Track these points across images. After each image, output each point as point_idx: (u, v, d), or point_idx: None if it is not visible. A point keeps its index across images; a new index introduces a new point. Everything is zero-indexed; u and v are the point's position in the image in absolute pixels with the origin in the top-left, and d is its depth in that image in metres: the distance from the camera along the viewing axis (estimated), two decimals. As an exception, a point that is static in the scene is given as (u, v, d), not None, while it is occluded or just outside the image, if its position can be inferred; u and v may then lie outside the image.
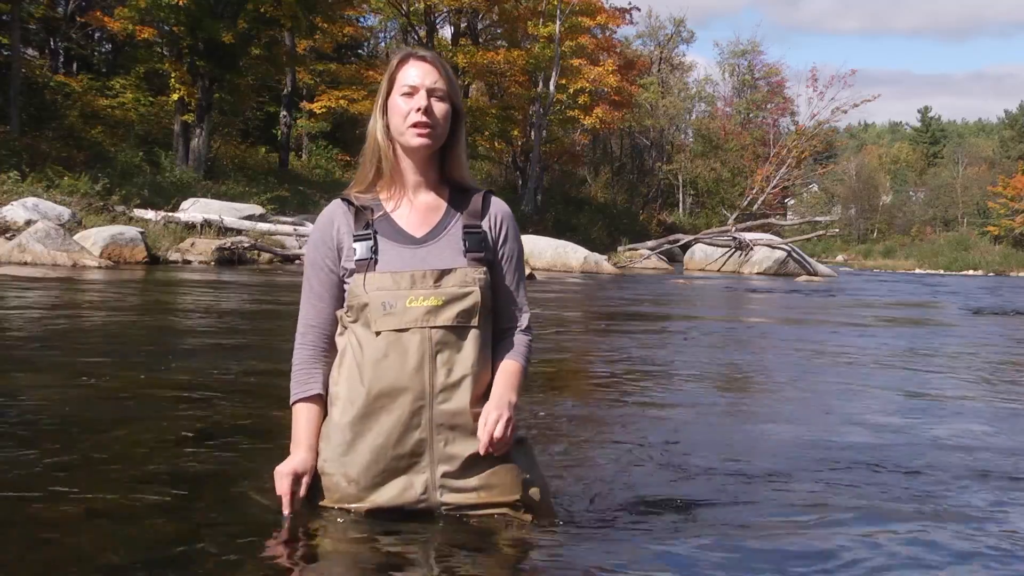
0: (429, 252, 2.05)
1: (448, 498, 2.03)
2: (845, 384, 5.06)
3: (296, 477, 2.03)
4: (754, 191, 43.58)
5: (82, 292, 8.77)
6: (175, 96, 22.00)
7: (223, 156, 25.85)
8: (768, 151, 45.41)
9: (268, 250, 15.84)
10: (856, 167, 62.79)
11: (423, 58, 2.08)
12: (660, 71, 48.24)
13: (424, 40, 30.55)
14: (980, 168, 59.81)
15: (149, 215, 15.73)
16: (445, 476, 2.02)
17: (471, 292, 2.03)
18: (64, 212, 13.89)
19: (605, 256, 22.54)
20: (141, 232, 13.70)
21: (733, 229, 26.50)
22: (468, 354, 2.02)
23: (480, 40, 33.60)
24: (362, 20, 34.03)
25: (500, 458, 2.04)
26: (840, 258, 47.38)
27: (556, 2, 30.35)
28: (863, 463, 3.10)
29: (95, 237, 12.90)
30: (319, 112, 29.80)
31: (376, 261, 2.03)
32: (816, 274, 23.83)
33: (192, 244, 14.98)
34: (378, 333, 2.00)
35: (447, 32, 34.00)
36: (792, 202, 53.33)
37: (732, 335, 8.09)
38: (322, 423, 2.09)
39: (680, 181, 47.57)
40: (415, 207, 2.10)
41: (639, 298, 12.51)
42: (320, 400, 2.10)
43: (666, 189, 48.41)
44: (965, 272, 36.62)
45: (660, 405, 4.19)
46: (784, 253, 24.52)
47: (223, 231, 16.02)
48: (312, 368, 2.12)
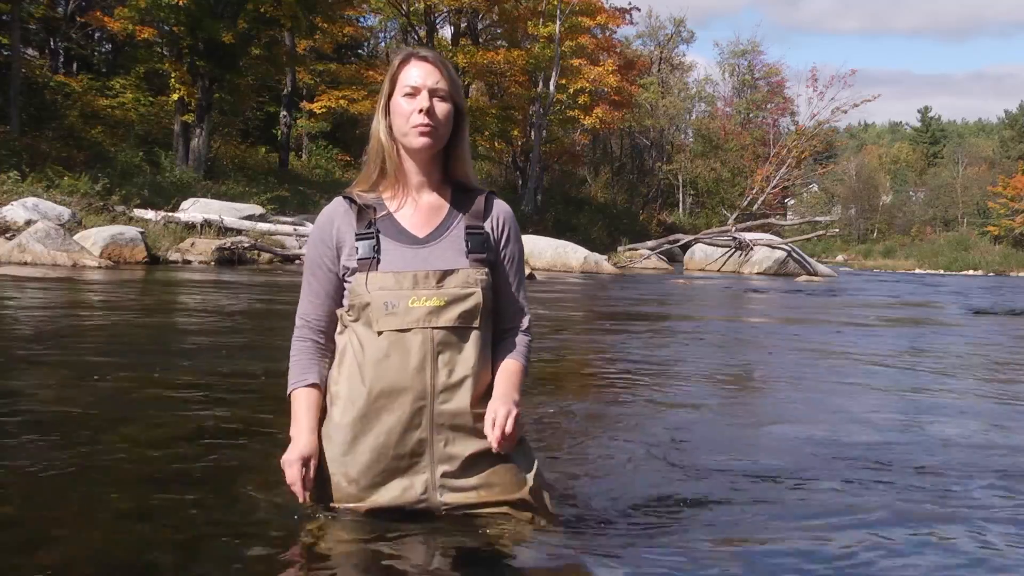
0: (431, 252, 2.05)
1: (448, 498, 2.03)
2: (850, 383, 5.05)
3: (304, 462, 2.01)
4: (754, 191, 43.57)
5: (82, 292, 8.76)
6: (175, 96, 22.00)
7: (223, 156, 25.85)
8: (768, 151, 45.41)
9: (268, 250, 15.84)
10: (856, 167, 62.79)
11: (425, 58, 2.07)
12: (660, 71, 48.24)
13: (424, 40, 30.53)
14: (980, 168, 59.81)
15: (149, 215, 15.72)
16: (445, 476, 2.02)
17: (473, 293, 2.03)
18: (64, 212, 13.89)
19: (605, 256, 22.53)
20: (141, 232, 13.69)
21: (733, 229, 26.49)
22: (469, 355, 2.02)
23: (480, 40, 33.58)
24: (362, 20, 34.05)
25: (500, 457, 2.04)
26: (840, 258, 47.36)
27: (556, 2, 30.35)
28: (872, 461, 3.09)
29: (95, 237, 12.90)
30: (319, 112, 29.81)
31: (378, 260, 2.03)
32: (816, 274, 23.82)
33: (192, 244, 14.97)
34: (380, 333, 1.99)
35: (447, 32, 34.04)
36: (792, 202, 53.33)
37: (735, 335, 8.09)
38: (321, 409, 2.08)
39: (680, 181, 47.58)
40: (418, 207, 2.10)
41: (640, 298, 12.50)
42: (318, 388, 2.09)
43: (666, 189, 48.42)
44: (965, 272, 36.61)
45: (665, 404, 4.19)
46: (784, 253, 24.51)
47: (223, 231, 16.02)
48: (310, 360, 2.12)
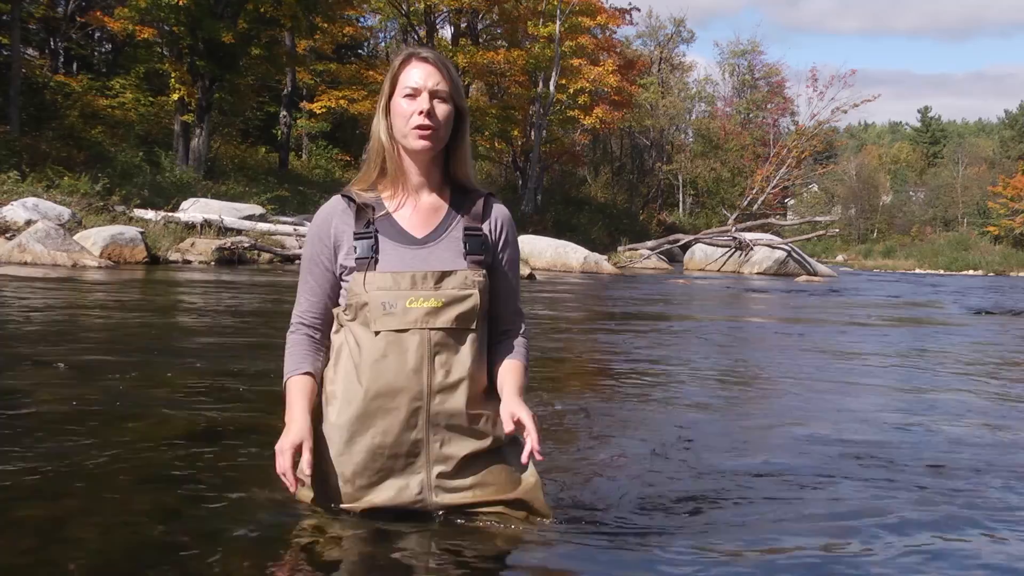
0: (430, 253, 2.05)
1: (443, 499, 2.04)
2: (855, 382, 5.06)
3: (296, 450, 1.95)
4: (754, 191, 43.57)
5: (82, 292, 8.76)
6: (175, 96, 21.98)
7: (223, 156, 25.84)
8: (768, 151, 45.43)
9: (268, 250, 15.83)
10: (856, 167, 62.75)
11: (426, 59, 2.06)
12: (660, 71, 48.25)
13: (424, 40, 30.52)
14: (980, 168, 59.78)
15: (149, 215, 15.70)
16: (440, 477, 2.03)
17: (471, 295, 2.03)
18: (64, 212, 13.87)
19: (605, 256, 22.52)
20: (141, 232, 13.68)
21: (733, 229, 26.48)
22: (465, 356, 2.02)
23: (480, 40, 33.58)
24: (362, 20, 34.01)
25: (495, 458, 2.06)
26: (840, 258, 47.31)
27: (556, 2, 30.35)
28: (885, 460, 3.10)
29: (95, 237, 12.89)
30: (319, 112, 29.80)
31: (376, 260, 2.03)
32: (816, 274, 23.82)
33: (192, 244, 14.96)
34: (377, 333, 1.99)
35: (447, 32, 34.03)
36: (792, 202, 53.34)
37: (738, 334, 8.10)
38: (316, 397, 2.06)
39: (680, 181, 47.59)
40: (417, 208, 2.10)
41: (640, 298, 12.49)
42: (313, 378, 2.08)
43: (666, 189, 48.42)
44: (965, 272, 36.59)
45: (671, 403, 4.19)
46: (784, 253, 24.51)
47: (223, 231, 16.00)
48: (305, 351, 2.11)
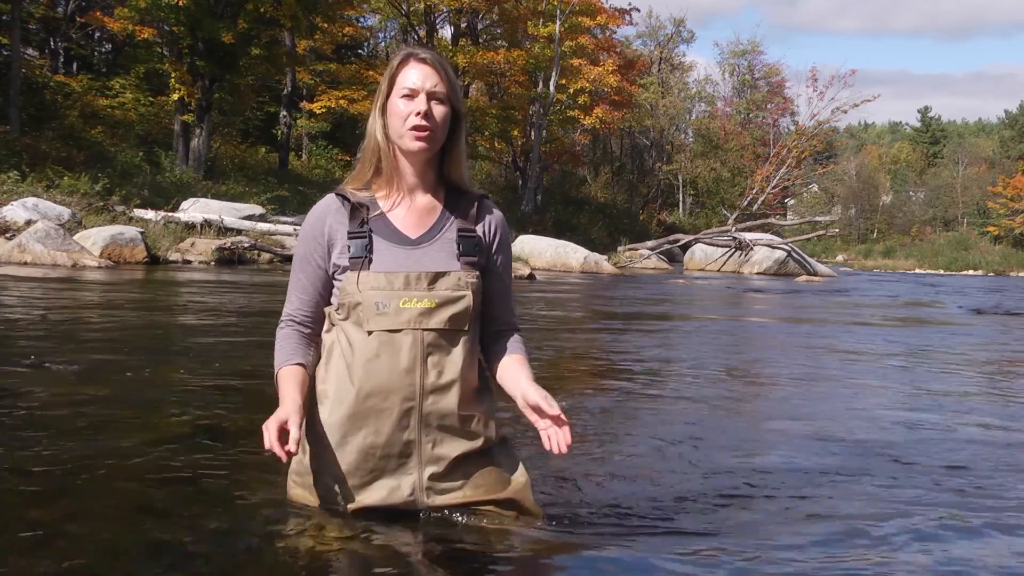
0: (424, 254, 2.05)
1: (435, 500, 2.05)
2: (861, 381, 5.06)
3: (281, 426, 1.89)
4: (754, 191, 43.58)
5: (83, 292, 8.75)
6: (175, 96, 21.98)
7: (223, 156, 25.84)
8: (768, 151, 45.44)
9: (268, 250, 15.83)
10: (856, 167, 62.76)
11: (424, 60, 2.06)
12: (660, 71, 48.26)
13: (424, 40, 30.52)
14: (980, 168, 59.80)
15: (149, 215, 15.70)
16: (432, 478, 2.03)
17: (464, 296, 2.03)
18: (64, 212, 13.87)
19: (605, 256, 22.53)
20: (141, 232, 13.68)
21: (733, 229, 26.49)
22: (457, 357, 2.02)
23: (480, 40, 33.58)
24: (362, 20, 34.03)
25: (485, 459, 2.07)
26: (840, 258, 47.32)
27: (556, 2, 30.36)
28: (894, 459, 3.10)
29: (95, 237, 12.88)
30: (319, 112, 29.82)
31: (370, 260, 2.03)
32: (816, 274, 23.83)
33: (192, 244, 14.96)
34: (370, 333, 1.99)
35: (447, 32, 34.04)
36: (792, 202, 53.34)
37: (741, 334, 8.10)
38: (307, 384, 2.05)
39: (680, 181, 47.59)
40: (411, 208, 2.10)
41: (641, 298, 12.49)
42: (305, 368, 2.07)
43: (666, 189, 48.43)
44: (965, 272, 36.61)
45: (679, 401, 4.19)
46: (784, 253, 24.51)
47: (223, 231, 16.01)
48: (296, 344, 2.10)
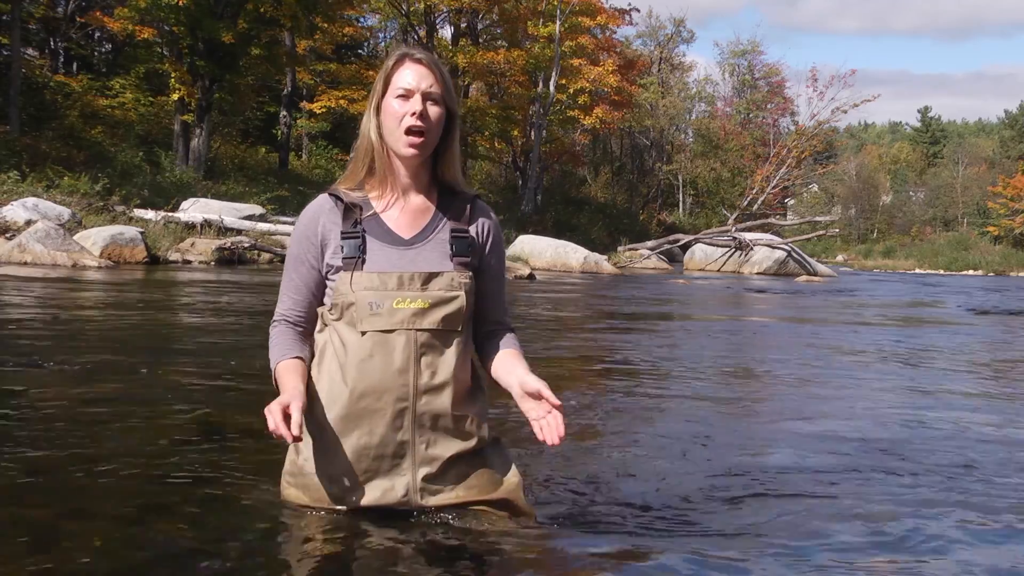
0: (417, 254, 2.05)
1: (429, 502, 2.05)
2: (865, 380, 5.06)
3: (284, 409, 1.88)
4: (754, 191, 43.57)
5: (83, 292, 8.75)
6: (175, 96, 21.98)
7: (223, 156, 25.84)
8: (768, 151, 45.44)
9: (268, 250, 15.82)
10: (856, 167, 62.75)
11: (419, 60, 2.06)
12: (660, 71, 48.25)
13: (424, 40, 30.52)
14: (980, 168, 59.78)
15: (149, 215, 15.69)
16: (426, 479, 2.03)
17: (457, 296, 2.03)
18: (64, 212, 13.87)
19: (605, 256, 22.53)
20: (141, 232, 13.67)
21: (733, 229, 26.49)
22: (450, 358, 2.02)
23: (480, 40, 33.58)
24: (362, 20, 34.03)
25: (478, 459, 2.08)
26: (840, 258, 47.31)
27: (556, 2, 30.36)
28: (902, 457, 3.10)
29: (95, 237, 12.88)
30: (319, 112, 29.80)
31: (363, 260, 2.02)
32: (816, 274, 23.83)
33: (192, 244, 14.96)
34: (363, 333, 1.99)
35: (447, 32, 34.03)
36: (792, 202, 53.32)
37: (743, 334, 8.10)
38: (307, 376, 2.04)
39: (680, 181, 47.58)
40: (405, 208, 2.10)
41: (642, 298, 12.49)
42: (303, 361, 2.07)
43: (666, 189, 48.42)
44: (965, 272, 36.61)
45: (684, 400, 4.20)
46: (784, 253, 24.51)
47: (223, 231, 16.00)
48: (291, 341, 2.10)
